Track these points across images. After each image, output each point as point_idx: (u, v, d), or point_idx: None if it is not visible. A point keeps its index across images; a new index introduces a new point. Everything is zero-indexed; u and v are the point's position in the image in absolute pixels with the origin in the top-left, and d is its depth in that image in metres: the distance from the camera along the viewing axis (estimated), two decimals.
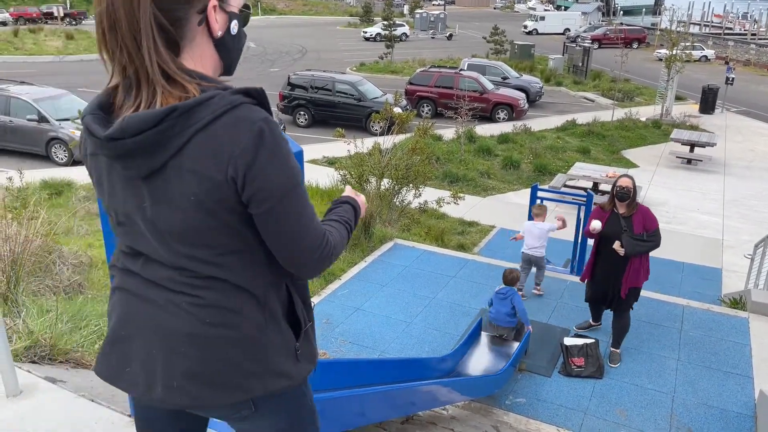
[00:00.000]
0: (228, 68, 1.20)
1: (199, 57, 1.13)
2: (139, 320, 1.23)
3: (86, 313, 3.63)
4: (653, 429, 4.61)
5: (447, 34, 44.84)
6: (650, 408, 4.85)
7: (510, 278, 5.71)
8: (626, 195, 5.19)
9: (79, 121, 10.75)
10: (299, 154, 1.69)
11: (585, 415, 4.76)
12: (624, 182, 5.25)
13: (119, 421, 2.17)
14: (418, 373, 4.43)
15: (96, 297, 4.75)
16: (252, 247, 1.19)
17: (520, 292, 6.22)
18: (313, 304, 1.42)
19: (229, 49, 1.17)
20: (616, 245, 5.12)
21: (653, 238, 5.15)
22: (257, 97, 1.10)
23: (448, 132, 16.44)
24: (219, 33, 1.13)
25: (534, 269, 6.92)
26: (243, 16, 1.19)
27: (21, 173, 7.71)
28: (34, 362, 2.57)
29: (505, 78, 22.00)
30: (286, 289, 1.31)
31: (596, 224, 5.25)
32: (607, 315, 5.72)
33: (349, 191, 1.55)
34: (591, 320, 5.96)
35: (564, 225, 6.61)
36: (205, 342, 1.20)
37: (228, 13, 1.14)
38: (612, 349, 5.51)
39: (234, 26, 1.16)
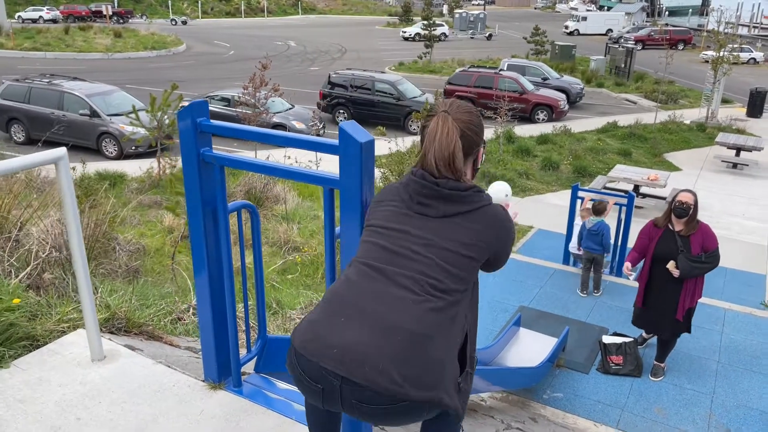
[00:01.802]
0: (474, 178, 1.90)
1: (468, 174, 1.83)
2: (367, 309, 1.57)
3: (149, 294, 3.89)
4: (691, 428, 4.64)
5: (486, 35, 44.64)
6: (689, 407, 4.88)
7: (600, 207, 6.67)
8: (684, 212, 4.70)
9: (132, 116, 11.10)
10: (370, 143, 1.86)
11: (622, 412, 4.82)
12: (684, 197, 4.73)
13: (195, 384, 2.38)
14: None
15: (155, 282, 5.03)
16: (471, 288, 1.75)
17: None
18: (476, 359, 1.86)
19: (477, 171, 1.90)
20: (671, 266, 4.73)
21: (711, 259, 4.72)
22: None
23: (486, 132, 16.37)
24: (479, 164, 1.88)
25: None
26: (485, 147, 1.89)
27: (84, 164, 8.07)
28: (112, 332, 2.81)
29: (545, 79, 21.87)
30: (465, 331, 1.72)
31: (626, 266, 5.03)
32: None
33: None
34: (644, 333, 5.65)
35: (610, 206, 7.38)
36: (418, 340, 1.53)
37: (483, 151, 1.87)
38: (656, 362, 5.26)
39: (483, 159, 1.89)
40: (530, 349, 5.55)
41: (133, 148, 13.17)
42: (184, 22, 49.96)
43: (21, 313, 2.74)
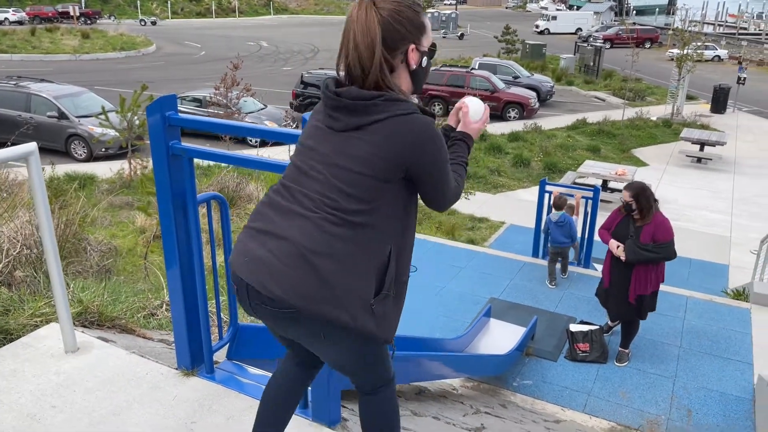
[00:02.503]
0: (417, 89, 1.70)
1: (399, 79, 1.63)
2: (271, 222, 1.60)
3: (122, 291, 3.92)
4: (654, 409, 4.83)
5: (458, 34, 44.99)
6: (651, 390, 5.07)
7: (560, 202, 6.77)
8: (629, 208, 5.03)
9: (102, 117, 11.01)
10: None
11: (589, 397, 4.99)
12: (624, 196, 5.06)
13: (168, 372, 2.44)
14: (428, 351, 4.67)
15: (127, 281, 5.04)
16: (381, 209, 1.57)
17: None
18: (405, 284, 1.72)
19: (418, 76, 1.66)
20: (619, 251, 5.07)
21: (661, 249, 4.95)
22: (426, 113, 1.61)
23: None
24: (413, 66, 1.63)
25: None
26: (430, 53, 1.67)
27: (53, 165, 8.00)
28: (85, 326, 2.85)
29: (516, 77, 22.19)
30: (387, 255, 1.61)
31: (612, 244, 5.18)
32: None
33: (455, 122, 1.90)
34: (609, 321, 5.85)
35: (578, 203, 7.67)
36: (306, 255, 1.52)
37: (420, 52, 1.63)
38: (620, 349, 5.47)
39: (424, 61, 1.65)
40: (500, 338, 5.70)
41: (103, 149, 13.03)
42: (154, 23, 49.33)
43: None
